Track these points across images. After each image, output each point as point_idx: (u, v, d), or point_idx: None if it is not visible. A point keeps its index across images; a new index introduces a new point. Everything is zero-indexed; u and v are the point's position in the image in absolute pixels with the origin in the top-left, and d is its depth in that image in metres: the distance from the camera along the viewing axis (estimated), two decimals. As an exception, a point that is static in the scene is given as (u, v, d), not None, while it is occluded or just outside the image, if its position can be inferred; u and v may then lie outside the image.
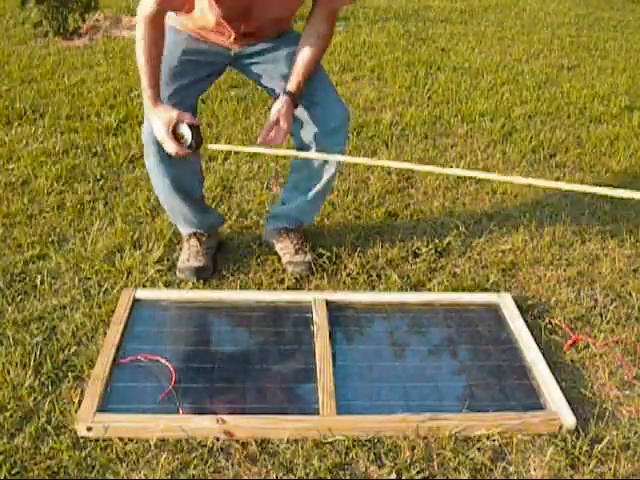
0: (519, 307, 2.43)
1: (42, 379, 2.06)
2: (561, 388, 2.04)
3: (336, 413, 1.90)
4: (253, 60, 2.48)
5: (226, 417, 1.86)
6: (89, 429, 1.83)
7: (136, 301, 2.36)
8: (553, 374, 2.10)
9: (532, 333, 2.29)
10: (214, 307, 2.37)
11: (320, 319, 2.28)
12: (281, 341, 2.22)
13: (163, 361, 2.08)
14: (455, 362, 2.19)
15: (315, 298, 2.38)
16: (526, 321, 2.36)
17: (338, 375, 2.05)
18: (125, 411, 1.88)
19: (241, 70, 2.57)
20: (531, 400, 2.02)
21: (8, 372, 2.07)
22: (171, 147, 2.14)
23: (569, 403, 1.99)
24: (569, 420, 1.92)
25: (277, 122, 2.28)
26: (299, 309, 2.36)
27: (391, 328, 2.31)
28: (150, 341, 2.20)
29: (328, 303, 2.37)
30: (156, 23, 2.14)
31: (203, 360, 2.12)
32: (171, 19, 2.33)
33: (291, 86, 2.33)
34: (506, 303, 2.44)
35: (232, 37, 2.38)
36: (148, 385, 1.99)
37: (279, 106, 2.30)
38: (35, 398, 1.99)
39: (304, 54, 2.34)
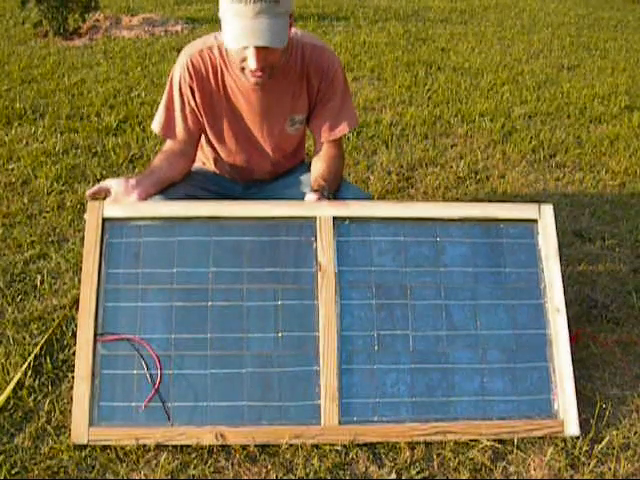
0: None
1: (42, 379, 2.06)
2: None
3: (338, 422, 1.86)
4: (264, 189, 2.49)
5: (224, 429, 1.83)
6: (85, 445, 1.82)
7: (106, 221, 2.01)
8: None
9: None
10: (199, 233, 2.03)
11: (326, 259, 2.00)
12: (281, 295, 1.98)
13: (146, 347, 1.91)
14: (470, 330, 1.99)
15: (320, 216, 2.04)
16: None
17: (343, 354, 1.92)
18: (117, 415, 1.85)
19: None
20: (542, 395, 1.95)
21: (8, 372, 2.07)
22: (93, 188, 2.08)
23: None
24: (573, 431, 1.91)
25: None
26: (301, 233, 2.04)
27: (407, 274, 2.03)
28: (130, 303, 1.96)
29: (335, 219, 2.04)
30: (165, 152, 2.25)
31: (194, 329, 1.93)
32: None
33: (314, 186, 2.17)
34: (546, 229, 2.09)
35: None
36: (136, 379, 1.89)
37: (309, 197, 2.11)
38: (35, 398, 1.99)
39: (319, 169, 2.26)
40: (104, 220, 2.00)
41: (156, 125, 2.25)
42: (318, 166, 2.27)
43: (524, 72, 5.71)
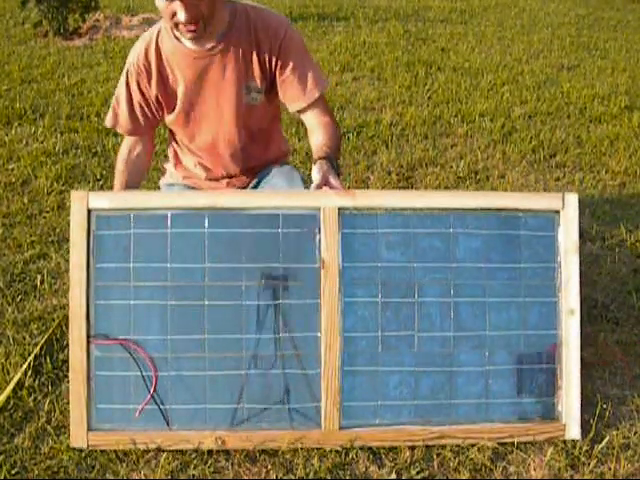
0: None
1: (42, 379, 2.06)
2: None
3: (339, 425, 1.85)
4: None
5: (223, 433, 1.82)
6: (84, 449, 1.82)
7: (92, 211, 1.90)
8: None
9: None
10: (194, 226, 1.92)
11: (330, 254, 1.89)
12: (282, 293, 1.91)
13: (141, 352, 1.86)
14: (478, 331, 1.92)
15: (324, 207, 1.90)
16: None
17: (345, 356, 1.88)
18: (116, 419, 1.84)
19: None
20: (545, 397, 1.93)
21: (8, 372, 2.07)
22: None
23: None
24: (574, 435, 1.91)
25: (325, 183, 1.94)
26: (303, 225, 1.92)
27: (416, 270, 1.93)
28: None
29: (340, 210, 1.91)
30: (128, 147, 2.27)
31: (190, 329, 1.87)
32: (169, 177, 2.45)
33: (320, 154, 2.05)
34: (568, 221, 1.97)
35: (225, 181, 2.35)
36: (132, 382, 1.86)
37: (319, 167, 1.96)
38: (35, 398, 1.99)
39: (318, 138, 2.16)
40: (89, 211, 1.89)
41: (107, 119, 2.27)
42: (316, 136, 2.17)
43: (524, 72, 5.71)
